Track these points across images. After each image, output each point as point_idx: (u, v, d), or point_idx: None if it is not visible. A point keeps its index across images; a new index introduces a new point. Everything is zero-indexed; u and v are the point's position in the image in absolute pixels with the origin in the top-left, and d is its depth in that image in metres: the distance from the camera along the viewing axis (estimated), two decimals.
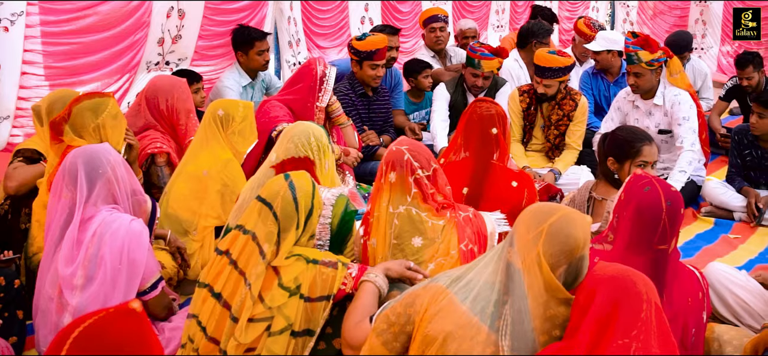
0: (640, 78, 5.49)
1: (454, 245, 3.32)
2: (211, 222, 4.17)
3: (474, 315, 2.39)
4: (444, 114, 6.01)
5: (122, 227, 3.14)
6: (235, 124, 4.29)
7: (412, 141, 3.49)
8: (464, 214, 3.45)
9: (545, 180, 5.35)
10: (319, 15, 7.85)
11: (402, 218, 3.31)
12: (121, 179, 3.29)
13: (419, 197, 3.31)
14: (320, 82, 5.10)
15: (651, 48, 5.40)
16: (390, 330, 2.58)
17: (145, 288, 3.24)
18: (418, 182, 3.30)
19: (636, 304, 2.19)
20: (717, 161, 6.61)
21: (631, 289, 2.21)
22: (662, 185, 2.88)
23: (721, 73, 10.21)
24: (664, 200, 2.83)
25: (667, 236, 2.83)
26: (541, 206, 2.53)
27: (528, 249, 2.38)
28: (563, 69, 5.65)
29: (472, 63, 5.84)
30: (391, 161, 3.34)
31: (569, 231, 2.39)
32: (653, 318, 2.19)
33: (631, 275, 2.26)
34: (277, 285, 2.89)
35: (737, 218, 5.34)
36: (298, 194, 2.98)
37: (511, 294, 2.36)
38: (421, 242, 3.31)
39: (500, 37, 10.17)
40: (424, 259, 3.30)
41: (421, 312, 2.50)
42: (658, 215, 2.82)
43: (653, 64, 5.41)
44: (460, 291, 2.47)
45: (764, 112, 5.24)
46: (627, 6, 12.10)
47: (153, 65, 6.00)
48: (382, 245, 3.34)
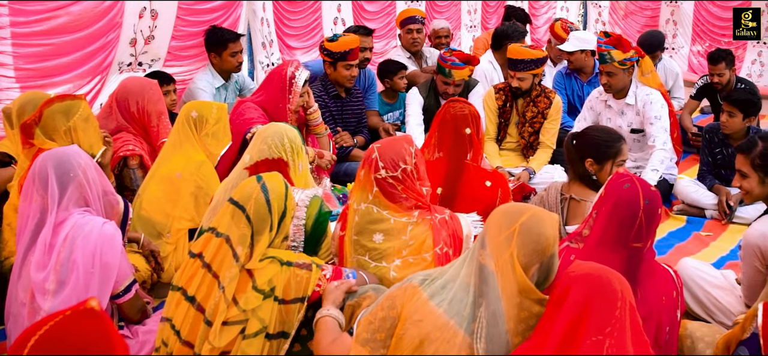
0: (613, 77, 5.53)
1: (429, 247, 3.32)
2: (185, 224, 4.15)
3: (450, 318, 2.40)
4: (419, 118, 6.01)
5: (94, 231, 3.11)
6: (209, 126, 4.27)
7: (393, 140, 3.48)
8: (440, 216, 3.44)
9: (520, 179, 5.37)
10: (291, 16, 7.82)
11: (362, 215, 3.32)
12: (93, 181, 3.26)
13: (380, 196, 3.31)
14: (290, 84, 5.07)
15: (623, 47, 5.44)
16: (376, 337, 2.56)
17: (118, 291, 3.22)
18: (379, 182, 3.30)
19: (610, 302, 2.20)
20: (689, 160, 6.67)
21: (607, 287, 2.23)
22: (642, 184, 2.90)
23: (693, 73, 10.31)
24: (643, 198, 2.84)
25: (643, 235, 2.84)
26: (510, 207, 2.54)
27: (500, 251, 2.39)
28: (536, 61, 5.69)
29: (443, 72, 5.85)
30: (365, 157, 3.37)
31: (540, 230, 2.41)
32: (627, 316, 2.21)
33: (607, 273, 2.28)
34: (251, 288, 2.88)
35: (709, 215, 5.39)
36: (271, 196, 2.97)
37: (486, 297, 2.37)
38: (381, 238, 3.31)
39: (473, 37, 10.20)
40: (386, 254, 3.31)
41: (398, 311, 2.51)
42: (635, 212, 2.83)
43: (625, 64, 5.46)
44: (436, 293, 2.48)
45: (734, 111, 5.30)
46: (599, 6, 12.19)
47: (125, 66, 5.94)
48: (348, 242, 3.38)
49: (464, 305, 2.41)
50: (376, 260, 3.31)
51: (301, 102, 5.17)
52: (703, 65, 9.96)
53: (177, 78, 6.17)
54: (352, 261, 3.36)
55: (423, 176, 3.44)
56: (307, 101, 5.24)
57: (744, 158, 3.70)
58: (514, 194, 4.50)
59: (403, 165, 3.32)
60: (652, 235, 2.91)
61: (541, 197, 4.23)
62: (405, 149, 3.36)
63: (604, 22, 12.11)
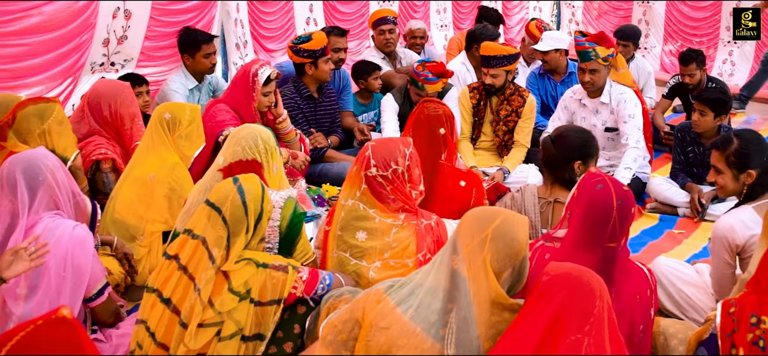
0: (596, 74, 5.56)
1: (412, 252, 3.32)
2: (159, 227, 4.12)
3: (417, 325, 2.40)
4: (395, 125, 6.00)
5: (65, 234, 3.08)
6: (182, 127, 4.24)
7: (389, 139, 3.50)
8: (427, 222, 3.44)
9: (494, 179, 5.38)
10: (265, 17, 7.81)
11: (348, 211, 3.34)
12: (62, 183, 3.24)
13: (368, 194, 3.32)
14: (252, 82, 5.03)
15: (607, 43, 5.49)
16: (338, 339, 2.59)
17: (91, 295, 3.19)
18: (369, 179, 3.31)
19: (589, 301, 2.21)
20: (661, 158, 6.72)
21: (585, 286, 2.24)
22: (614, 184, 2.90)
23: (665, 72, 10.40)
24: (616, 198, 2.84)
25: (617, 235, 2.85)
26: (481, 212, 2.55)
27: (473, 256, 2.40)
28: (508, 57, 5.71)
29: (416, 84, 5.84)
30: (359, 154, 3.39)
31: (513, 234, 2.43)
32: (605, 315, 2.22)
33: (585, 273, 2.29)
34: (226, 290, 2.87)
35: (681, 213, 5.44)
36: (248, 197, 2.96)
37: (457, 302, 2.38)
38: (365, 236, 3.32)
39: (446, 36, 10.22)
40: (367, 254, 3.32)
41: (362, 317, 2.52)
42: (608, 213, 2.83)
43: (608, 60, 5.51)
44: (403, 300, 2.48)
45: (705, 109, 5.35)
46: (572, 6, 12.27)
47: (98, 66, 5.89)
48: (332, 237, 3.39)
49: (432, 311, 2.41)
50: (357, 258, 3.32)
51: (266, 102, 5.12)
52: (675, 65, 10.04)
53: (150, 79, 6.12)
54: (334, 257, 3.37)
55: (416, 179, 3.44)
56: (272, 101, 5.18)
57: (719, 155, 3.75)
58: (488, 194, 4.51)
59: (395, 166, 3.33)
60: (626, 234, 2.92)
61: (513, 198, 4.19)
62: (399, 151, 3.37)
63: (578, 22, 12.19)
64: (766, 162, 3.69)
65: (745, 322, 2.56)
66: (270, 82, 5.09)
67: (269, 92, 5.12)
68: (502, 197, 4.46)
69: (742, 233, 3.43)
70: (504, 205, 4.11)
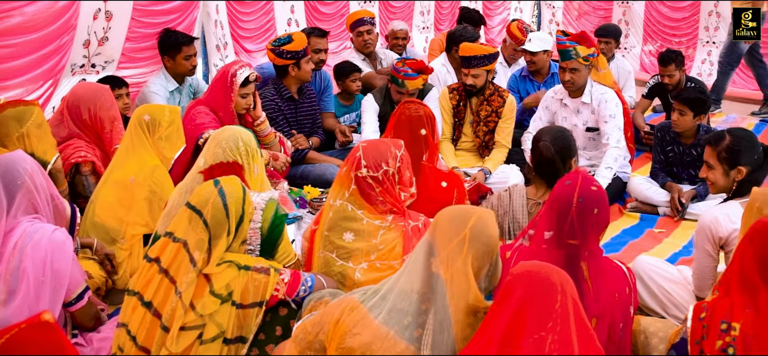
0: (576, 73, 5.59)
1: (398, 254, 3.32)
2: (139, 230, 4.10)
3: (390, 328, 2.41)
4: (375, 125, 6.00)
5: (44, 238, 3.06)
6: (162, 129, 4.22)
7: (380, 140, 3.50)
8: (414, 223, 3.43)
9: (475, 179, 5.39)
10: (244, 17, 7.79)
11: (336, 211, 3.33)
12: (40, 187, 3.22)
13: (357, 194, 3.32)
14: (230, 83, 5.02)
15: (587, 43, 5.51)
16: (305, 339, 2.61)
17: (70, 299, 3.17)
18: (359, 180, 3.31)
19: (550, 296, 2.18)
20: (641, 158, 6.76)
21: (545, 282, 2.21)
22: (583, 183, 2.89)
23: (644, 72, 10.47)
24: (577, 195, 2.83)
25: (576, 232, 2.83)
26: (452, 212, 2.54)
27: (452, 258, 2.41)
28: (488, 57, 5.72)
29: (396, 82, 5.84)
30: (350, 154, 3.38)
31: (489, 232, 2.45)
32: (570, 311, 2.19)
33: (546, 269, 2.26)
34: (208, 293, 2.86)
35: (662, 212, 5.47)
36: (229, 200, 2.96)
37: (433, 304, 2.38)
38: (352, 237, 3.32)
39: (426, 38, 10.22)
40: (354, 255, 3.31)
41: (333, 323, 2.52)
42: (566, 209, 2.83)
43: (589, 60, 5.53)
44: (375, 305, 2.49)
45: (685, 109, 5.39)
46: (552, 7, 12.32)
47: (78, 68, 5.85)
48: (319, 237, 3.38)
49: (405, 313, 2.41)
50: (343, 259, 3.31)
51: (244, 103, 5.09)
52: (654, 65, 10.10)
53: (132, 81, 6.09)
54: (320, 257, 3.36)
55: (406, 181, 3.45)
56: (250, 103, 5.15)
57: (711, 150, 3.83)
58: (470, 194, 4.52)
59: (385, 167, 3.33)
60: (588, 234, 2.86)
61: (500, 198, 4.19)
62: (390, 152, 3.37)
63: (558, 22, 12.25)
64: (756, 160, 3.76)
65: (715, 328, 2.56)
66: (248, 84, 5.07)
67: (247, 94, 5.10)
68: (487, 198, 4.47)
69: (727, 226, 3.47)
70: (489, 205, 4.12)
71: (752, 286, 2.52)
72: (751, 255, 2.52)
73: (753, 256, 2.51)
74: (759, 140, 3.88)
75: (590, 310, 2.78)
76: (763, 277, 2.49)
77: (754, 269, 2.51)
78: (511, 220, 3.97)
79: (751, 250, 2.52)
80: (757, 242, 2.51)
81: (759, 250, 2.50)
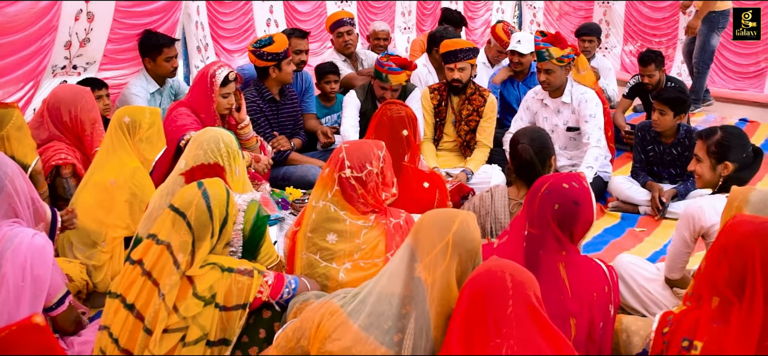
0: (551, 74, 5.62)
1: (381, 252, 3.33)
2: (120, 233, 4.07)
3: (369, 333, 2.41)
4: (354, 120, 6.00)
5: (24, 243, 3.03)
6: (142, 130, 4.19)
7: (362, 141, 3.50)
8: (396, 220, 3.44)
9: (457, 180, 5.40)
10: (224, 18, 7.77)
11: (319, 213, 3.33)
12: (21, 191, 3.19)
13: (339, 195, 3.32)
14: (211, 83, 5.00)
15: (561, 44, 5.54)
16: (287, 346, 2.62)
17: (51, 304, 3.15)
18: (342, 181, 3.31)
19: (500, 301, 2.15)
20: (622, 157, 6.80)
21: (496, 285, 2.18)
22: (562, 179, 2.92)
23: (625, 72, 10.53)
24: (545, 187, 2.88)
25: (535, 221, 2.86)
26: (437, 216, 2.54)
27: (436, 263, 2.41)
28: (472, 50, 5.76)
29: (380, 76, 5.85)
30: (332, 155, 3.37)
31: (472, 236, 2.45)
32: (526, 312, 2.16)
33: (498, 269, 2.23)
34: (191, 295, 2.86)
35: (643, 211, 5.51)
36: (212, 202, 2.95)
37: (414, 308, 2.39)
38: (335, 239, 3.32)
39: (409, 39, 10.23)
40: (337, 256, 3.32)
41: (314, 327, 2.52)
42: (533, 196, 2.89)
43: (563, 61, 5.56)
44: (354, 310, 2.49)
45: (665, 109, 5.43)
46: (533, 7, 12.36)
47: (59, 69, 5.80)
48: (301, 239, 3.38)
49: (385, 317, 2.42)
50: (327, 260, 3.32)
51: (225, 103, 5.07)
52: (635, 65, 10.13)
53: (114, 82, 6.07)
54: (303, 259, 3.36)
55: (389, 181, 3.46)
56: (232, 103, 5.13)
57: (702, 144, 3.91)
58: (452, 195, 4.53)
59: (369, 167, 3.34)
60: (547, 227, 2.86)
61: (482, 198, 4.20)
62: (373, 153, 3.38)
63: (539, 23, 12.28)
64: (744, 158, 3.81)
65: (677, 345, 2.52)
66: (229, 84, 5.05)
67: (228, 93, 5.07)
68: (469, 198, 4.48)
69: (710, 217, 3.50)
70: (472, 205, 4.12)
71: (725, 301, 2.42)
72: (725, 270, 2.41)
73: (728, 270, 2.40)
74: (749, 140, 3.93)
75: (567, 309, 2.79)
76: (736, 292, 2.38)
77: (727, 283, 2.41)
78: (493, 220, 3.98)
79: (726, 263, 2.41)
80: (732, 255, 2.40)
81: (734, 264, 2.39)
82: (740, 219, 2.48)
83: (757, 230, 2.37)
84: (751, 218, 2.46)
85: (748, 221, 2.45)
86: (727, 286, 2.41)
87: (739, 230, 2.42)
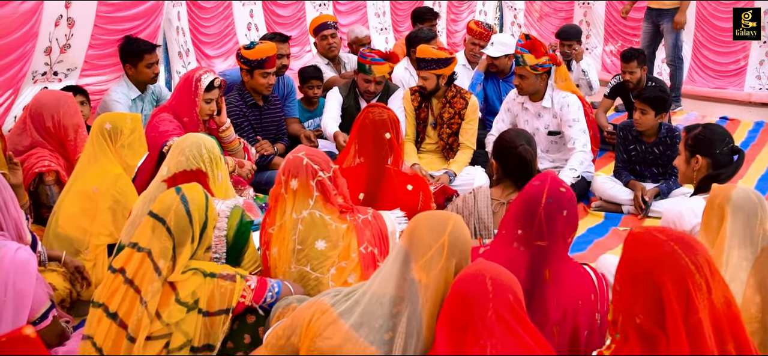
0: (524, 80, 5.67)
1: (354, 247, 3.37)
2: (103, 240, 4.05)
3: (359, 333, 2.42)
4: (335, 113, 6.02)
5: (6, 257, 3.00)
6: (124, 137, 4.17)
7: (307, 147, 3.52)
8: (363, 216, 3.50)
9: (440, 182, 5.40)
10: (205, 23, 7.74)
11: (305, 223, 3.32)
12: (5, 203, 3.17)
13: (321, 200, 3.34)
14: (195, 88, 4.99)
15: (537, 53, 5.56)
16: (277, 344, 2.63)
17: (34, 319, 3.12)
18: (321, 184, 3.34)
19: (482, 304, 2.15)
20: (605, 157, 6.83)
21: (476, 289, 2.18)
22: (552, 184, 2.87)
23: (606, 72, 10.57)
24: (546, 196, 2.81)
25: (544, 233, 2.79)
26: (431, 218, 2.55)
27: (432, 265, 2.41)
28: (438, 61, 5.70)
29: (364, 69, 5.86)
30: (290, 168, 3.35)
31: (465, 237, 2.47)
32: (507, 315, 2.15)
33: (480, 272, 2.22)
34: (174, 301, 2.85)
35: (626, 211, 5.54)
36: (191, 206, 2.95)
37: (407, 308, 2.39)
38: (324, 245, 3.33)
39: (387, 39, 10.23)
40: (328, 263, 3.32)
41: (304, 325, 2.53)
42: (534, 209, 2.80)
43: (538, 69, 5.58)
44: (346, 310, 2.49)
45: (646, 108, 5.47)
46: (514, 8, 12.39)
47: (40, 76, 5.76)
48: (285, 253, 3.35)
49: (376, 317, 2.43)
50: (318, 270, 3.33)
51: (207, 109, 5.06)
52: (616, 65, 10.23)
53: (95, 89, 6.04)
54: (293, 272, 3.34)
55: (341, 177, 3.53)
56: (214, 109, 5.11)
57: (684, 136, 3.98)
58: (435, 197, 4.54)
59: (333, 166, 3.42)
60: (557, 235, 2.82)
61: (464, 200, 4.19)
62: (324, 153, 3.46)
63: (520, 24, 12.32)
64: (718, 155, 3.84)
65: None
66: (213, 90, 5.04)
67: (211, 99, 5.06)
68: (452, 200, 4.49)
69: (690, 220, 3.53)
70: (455, 207, 4.12)
71: (649, 335, 2.17)
72: (642, 301, 2.18)
73: (645, 302, 2.18)
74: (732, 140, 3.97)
75: (550, 316, 2.77)
76: (660, 322, 2.15)
77: (647, 315, 2.17)
78: (476, 220, 3.99)
79: (642, 296, 2.18)
80: (643, 286, 2.19)
81: (648, 294, 2.17)
82: (642, 241, 2.25)
83: (660, 258, 2.17)
84: (651, 239, 2.23)
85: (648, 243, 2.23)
86: (649, 320, 2.18)
87: (643, 257, 2.21)
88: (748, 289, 2.67)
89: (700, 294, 2.12)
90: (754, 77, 9.59)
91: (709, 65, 9.97)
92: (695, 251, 2.16)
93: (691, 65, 10.02)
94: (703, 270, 2.14)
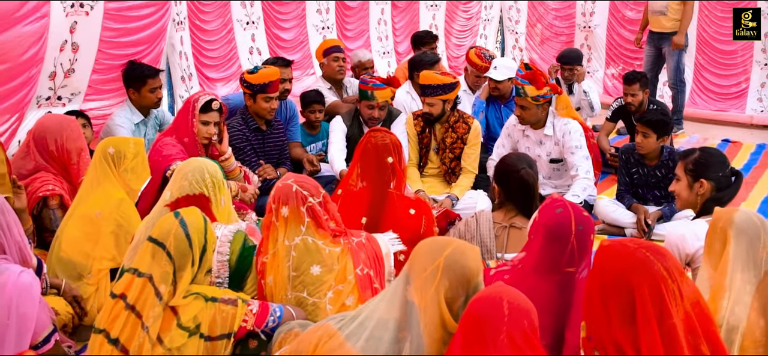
0: (526, 111, 5.68)
1: (350, 270, 3.35)
2: (106, 264, 4.04)
3: None
4: (341, 144, 6.01)
5: (10, 281, 2.99)
6: (127, 161, 4.17)
7: (295, 174, 3.51)
8: (357, 239, 3.48)
9: (443, 206, 5.40)
10: (207, 47, 7.77)
11: (299, 249, 3.31)
12: (8, 226, 3.17)
13: (313, 226, 3.33)
14: (192, 111, 5.00)
15: (538, 84, 5.56)
16: None
17: (37, 343, 3.11)
18: (311, 209, 3.32)
19: (495, 326, 2.15)
20: (607, 180, 6.83)
21: (492, 311, 2.17)
22: (575, 209, 2.90)
23: (607, 95, 10.59)
24: (575, 223, 2.84)
25: (575, 260, 2.82)
26: (433, 243, 2.56)
27: (426, 287, 2.42)
28: (444, 87, 5.70)
29: (366, 95, 5.86)
30: (279, 196, 3.34)
31: (464, 262, 2.45)
32: (519, 341, 2.14)
33: (498, 295, 2.22)
34: (175, 326, 2.85)
35: (628, 233, 5.53)
36: (190, 230, 2.95)
37: (410, 332, 2.40)
38: (319, 270, 3.31)
39: (389, 63, 10.26)
40: (324, 287, 3.31)
41: (310, 350, 2.53)
42: (566, 237, 2.82)
43: (539, 100, 5.58)
44: (352, 333, 2.49)
45: (648, 131, 5.47)
46: (515, 33, 12.42)
47: (44, 100, 5.78)
48: (281, 280, 3.33)
49: (382, 342, 2.43)
50: (315, 295, 3.30)
51: (204, 131, 5.06)
52: (617, 88, 10.27)
53: (98, 113, 6.06)
54: (290, 299, 3.32)
55: (331, 202, 3.54)
56: (212, 132, 5.10)
57: (681, 163, 3.95)
58: (438, 221, 4.53)
59: (322, 191, 3.41)
60: (586, 260, 2.86)
61: (467, 224, 4.20)
62: (313, 179, 3.46)
63: (522, 48, 12.35)
64: (721, 178, 3.83)
65: None
66: (210, 111, 5.04)
67: (208, 122, 5.06)
68: (455, 224, 4.48)
69: (693, 243, 3.51)
70: (457, 231, 4.12)
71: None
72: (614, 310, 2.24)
73: (617, 310, 2.23)
74: (730, 163, 3.96)
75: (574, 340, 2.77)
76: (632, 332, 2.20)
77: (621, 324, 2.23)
78: (479, 244, 3.98)
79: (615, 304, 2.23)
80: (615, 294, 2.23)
81: (621, 301, 2.22)
82: (613, 251, 2.31)
83: (634, 265, 2.22)
84: (622, 248, 2.28)
85: (620, 252, 2.28)
86: (620, 326, 2.22)
87: (617, 266, 2.26)
88: (752, 312, 2.69)
89: (672, 299, 2.20)
90: (756, 100, 9.62)
91: (711, 88, 10.00)
92: (665, 258, 2.25)
93: (693, 88, 10.05)
94: (674, 275, 2.23)
